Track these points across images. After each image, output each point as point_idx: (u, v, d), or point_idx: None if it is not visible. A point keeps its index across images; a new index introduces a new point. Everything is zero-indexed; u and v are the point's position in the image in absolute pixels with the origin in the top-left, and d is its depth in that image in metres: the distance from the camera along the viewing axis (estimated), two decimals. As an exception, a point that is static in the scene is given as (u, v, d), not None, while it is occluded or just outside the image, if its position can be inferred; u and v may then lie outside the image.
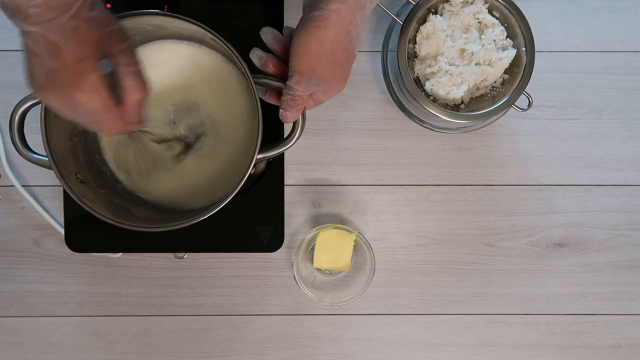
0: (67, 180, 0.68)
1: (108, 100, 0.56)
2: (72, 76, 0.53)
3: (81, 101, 0.54)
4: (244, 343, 0.85)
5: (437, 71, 0.76)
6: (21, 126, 0.69)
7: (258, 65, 0.66)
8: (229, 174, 0.74)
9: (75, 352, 0.85)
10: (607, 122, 0.85)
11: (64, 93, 0.54)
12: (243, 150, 0.74)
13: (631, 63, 0.84)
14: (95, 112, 0.56)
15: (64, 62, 0.53)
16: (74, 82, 0.53)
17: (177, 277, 0.85)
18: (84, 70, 0.53)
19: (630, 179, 0.85)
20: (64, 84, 0.53)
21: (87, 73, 0.54)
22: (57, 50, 0.52)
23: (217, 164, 0.75)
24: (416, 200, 0.84)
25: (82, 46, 0.53)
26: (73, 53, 0.52)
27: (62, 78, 0.53)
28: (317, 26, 0.59)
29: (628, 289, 0.85)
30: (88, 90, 0.54)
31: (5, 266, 0.85)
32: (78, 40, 0.52)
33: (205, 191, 0.75)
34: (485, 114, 0.75)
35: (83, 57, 0.53)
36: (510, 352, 0.86)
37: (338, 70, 0.63)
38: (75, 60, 0.53)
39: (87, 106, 0.55)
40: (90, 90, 0.54)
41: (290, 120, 0.66)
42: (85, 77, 0.53)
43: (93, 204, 0.69)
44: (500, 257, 0.85)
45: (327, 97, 0.66)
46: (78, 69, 0.53)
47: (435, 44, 0.75)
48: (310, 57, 0.60)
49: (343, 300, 0.82)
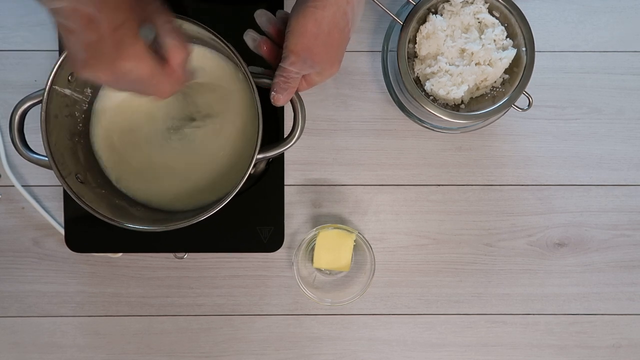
0: (67, 180, 0.68)
1: (154, 64, 0.54)
2: (113, 45, 0.51)
3: (127, 70, 0.52)
4: (244, 343, 0.85)
5: (437, 71, 0.76)
6: (21, 126, 0.69)
7: (252, 47, 0.65)
8: (230, 174, 0.75)
9: (75, 352, 0.85)
10: (607, 122, 0.85)
11: (108, 65, 0.52)
12: (244, 150, 0.74)
13: (631, 63, 0.84)
14: (144, 79, 0.54)
15: (101, 32, 0.50)
16: (115, 51, 0.51)
17: (177, 277, 0.85)
18: (124, 37, 0.51)
19: (630, 179, 0.85)
20: (106, 55, 0.51)
21: (127, 39, 0.51)
22: (92, 21, 0.50)
23: (218, 164, 0.75)
24: (416, 200, 0.84)
25: (116, 12, 0.50)
26: (108, 21, 0.50)
27: (103, 49, 0.51)
28: (314, 6, 0.59)
29: (628, 289, 0.85)
30: (132, 58, 0.52)
31: (5, 266, 0.85)
32: (110, 6, 0.50)
33: (206, 191, 0.75)
34: (485, 114, 0.75)
35: (120, 24, 0.51)
36: (510, 352, 0.86)
37: (333, 52, 0.63)
38: (113, 28, 0.50)
39: (134, 74, 0.53)
40: (134, 58, 0.52)
41: (282, 103, 0.65)
42: (126, 44, 0.51)
43: (93, 204, 0.69)
44: (500, 257, 0.85)
45: (321, 80, 0.65)
46: (117, 37, 0.51)
47: (435, 43, 0.75)
48: (307, 37, 0.60)
49: (343, 300, 0.82)
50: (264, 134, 0.67)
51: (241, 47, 0.66)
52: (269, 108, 0.67)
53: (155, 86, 0.55)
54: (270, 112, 0.67)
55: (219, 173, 0.75)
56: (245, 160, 0.68)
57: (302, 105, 0.68)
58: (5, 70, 0.83)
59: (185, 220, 0.68)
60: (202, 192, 0.75)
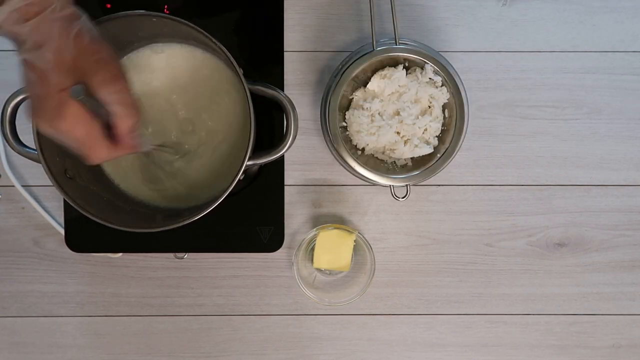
0: (54, 173, 0.68)
1: (91, 128, 0.56)
2: (55, 104, 0.54)
3: (64, 129, 0.55)
4: (244, 343, 0.85)
5: (366, 108, 0.77)
6: (13, 118, 0.69)
7: None
8: (225, 175, 0.74)
9: (75, 352, 0.85)
10: (607, 122, 0.85)
11: (49, 120, 0.55)
12: (238, 153, 0.74)
13: (631, 63, 0.84)
14: (79, 140, 0.57)
15: (48, 89, 0.54)
16: (56, 109, 0.54)
17: (177, 277, 0.85)
18: (66, 98, 0.54)
19: (630, 179, 0.85)
20: (49, 111, 0.54)
21: (69, 101, 0.54)
22: (44, 77, 0.53)
23: (213, 164, 0.75)
24: (416, 200, 0.84)
25: (67, 76, 0.54)
26: (56, 81, 0.53)
27: (47, 105, 0.54)
28: None
29: (628, 289, 0.85)
30: (69, 119, 0.55)
31: (5, 266, 0.85)
32: (63, 70, 0.53)
33: (201, 191, 0.75)
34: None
35: (66, 86, 0.54)
36: (510, 352, 0.86)
37: None
38: (58, 88, 0.54)
39: (70, 134, 0.56)
40: (71, 119, 0.55)
41: None
42: (67, 105, 0.54)
43: (83, 200, 0.68)
44: (500, 257, 0.85)
45: None
46: (60, 96, 0.54)
47: (390, 87, 0.77)
48: None
49: (343, 300, 0.82)
50: (258, 136, 0.66)
51: (241, 49, 0.66)
52: (263, 113, 0.66)
53: (90, 149, 0.58)
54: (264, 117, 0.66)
55: (214, 173, 0.75)
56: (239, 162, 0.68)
57: (295, 113, 0.68)
58: (5, 70, 0.83)
59: (180, 220, 0.67)
60: (198, 192, 0.75)
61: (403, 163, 0.79)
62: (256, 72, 0.79)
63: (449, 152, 0.77)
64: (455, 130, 0.77)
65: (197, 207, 0.73)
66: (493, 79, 0.84)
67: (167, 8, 0.78)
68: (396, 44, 0.77)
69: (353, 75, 0.76)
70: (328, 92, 0.77)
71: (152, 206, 0.75)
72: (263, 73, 0.80)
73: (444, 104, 0.78)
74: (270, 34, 0.80)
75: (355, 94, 0.79)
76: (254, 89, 0.66)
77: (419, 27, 0.83)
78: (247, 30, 0.79)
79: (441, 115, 0.78)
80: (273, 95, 0.68)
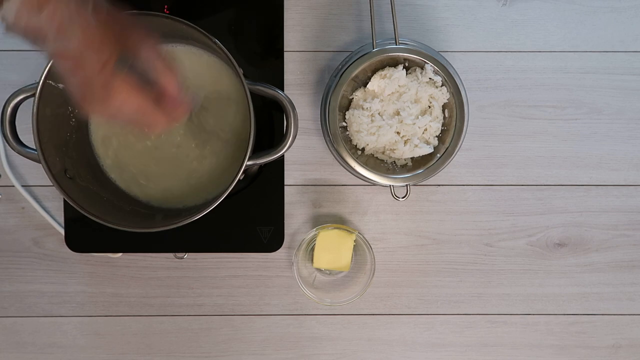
0: (54, 173, 0.68)
1: (142, 98, 0.55)
2: (102, 83, 0.53)
3: (118, 105, 0.54)
4: (244, 343, 0.85)
5: (366, 108, 0.77)
6: (13, 118, 0.69)
7: None
8: (225, 174, 0.74)
9: (75, 352, 0.85)
10: (607, 122, 0.85)
11: (99, 104, 0.54)
12: (238, 153, 0.74)
13: (631, 63, 0.84)
14: (136, 112, 0.55)
15: (88, 73, 0.52)
16: (104, 89, 0.53)
17: (177, 277, 0.85)
18: (109, 75, 0.53)
19: (630, 179, 0.85)
20: (97, 93, 0.53)
21: (112, 77, 0.53)
22: (80, 61, 0.52)
23: (213, 163, 0.75)
24: (416, 200, 0.84)
25: (101, 50, 0.52)
26: (94, 62, 0.52)
27: (93, 89, 0.53)
28: None
29: (628, 289, 0.85)
30: (120, 94, 0.53)
31: (5, 266, 0.85)
32: (94, 46, 0.52)
33: (201, 191, 0.75)
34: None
35: (105, 61, 0.52)
36: (510, 352, 0.86)
37: None
38: (98, 68, 0.52)
39: (125, 108, 0.54)
40: (121, 93, 0.53)
41: None
42: (112, 82, 0.53)
43: (83, 200, 0.69)
44: (500, 257, 0.85)
45: None
46: (104, 75, 0.52)
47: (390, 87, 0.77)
48: None
49: (343, 300, 0.82)
50: (258, 134, 0.66)
51: (240, 49, 0.66)
52: (263, 112, 0.66)
53: (149, 120, 0.56)
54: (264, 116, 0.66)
55: (214, 172, 0.75)
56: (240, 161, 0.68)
57: (295, 113, 0.68)
58: (5, 70, 0.83)
59: (179, 220, 0.68)
60: (199, 192, 0.75)
61: (403, 163, 0.79)
62: (256, 72, 0.79)
63: (449, 152, 0.77)
64: (455, 130, 0.77)
65: (197, 207, 0.73)
66: (493, 79, 0.84)
67: (167, 8, 0.78)
68: (396, 43, 0.77)
69: (353, 75, 0.76)
70: (328, 92, 0.77)
71: (152, 206, 0.76)
72: (263, 73, 0.80)
73: (444, 104, 0.78)
74: (270, 34, 0.80)
75: (355, 94, 0.79)
76: (254, 89, 0.66)
77: (419, 27, 0.83)
78: (247, 30, 0.79)
79: (441, 115, 0.78)
80: (273, 95, 0.68)
